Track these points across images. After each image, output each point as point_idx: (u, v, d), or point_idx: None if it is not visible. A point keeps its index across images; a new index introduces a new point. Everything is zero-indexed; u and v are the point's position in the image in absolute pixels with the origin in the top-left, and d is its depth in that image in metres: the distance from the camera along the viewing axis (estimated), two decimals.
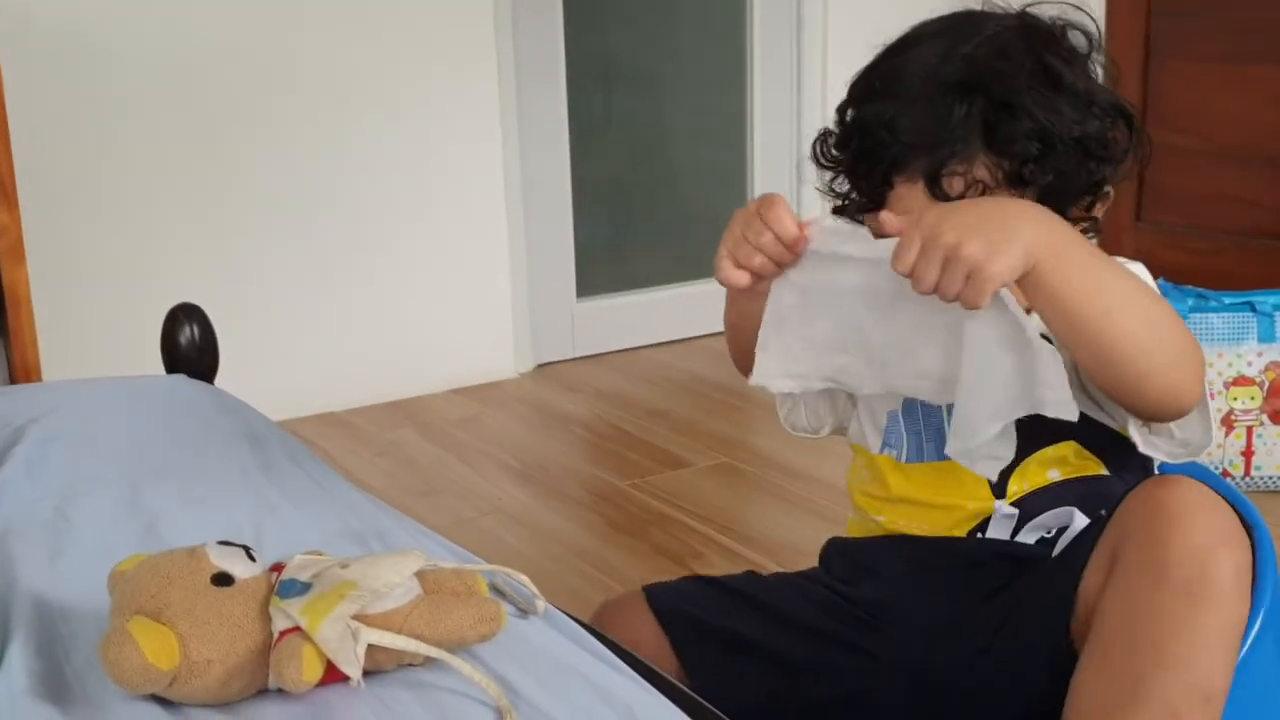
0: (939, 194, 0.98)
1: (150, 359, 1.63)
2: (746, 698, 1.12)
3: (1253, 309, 2.28)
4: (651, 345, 3.45)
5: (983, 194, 0.97)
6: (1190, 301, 2.29)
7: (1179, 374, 0.94)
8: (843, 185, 1.09)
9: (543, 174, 3.23)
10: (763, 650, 1.14)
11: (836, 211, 1.10)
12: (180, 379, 1.56)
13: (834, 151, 1.08)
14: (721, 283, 1.03)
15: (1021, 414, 0.91)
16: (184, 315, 1.60)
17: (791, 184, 3.61)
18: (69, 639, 0.92)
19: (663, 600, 1.20)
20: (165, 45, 2.68)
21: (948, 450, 0.94)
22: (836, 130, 1.08)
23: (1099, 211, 1.05)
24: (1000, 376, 0.90)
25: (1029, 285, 0.89)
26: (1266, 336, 2.28)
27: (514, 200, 3.16)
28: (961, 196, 0.97)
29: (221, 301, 1.97)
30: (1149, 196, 3.50)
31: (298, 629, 0.82)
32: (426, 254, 3.06)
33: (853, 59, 1.15)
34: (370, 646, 0.83)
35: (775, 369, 1.01)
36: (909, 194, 1.01)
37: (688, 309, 3.49)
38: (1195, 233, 3.35)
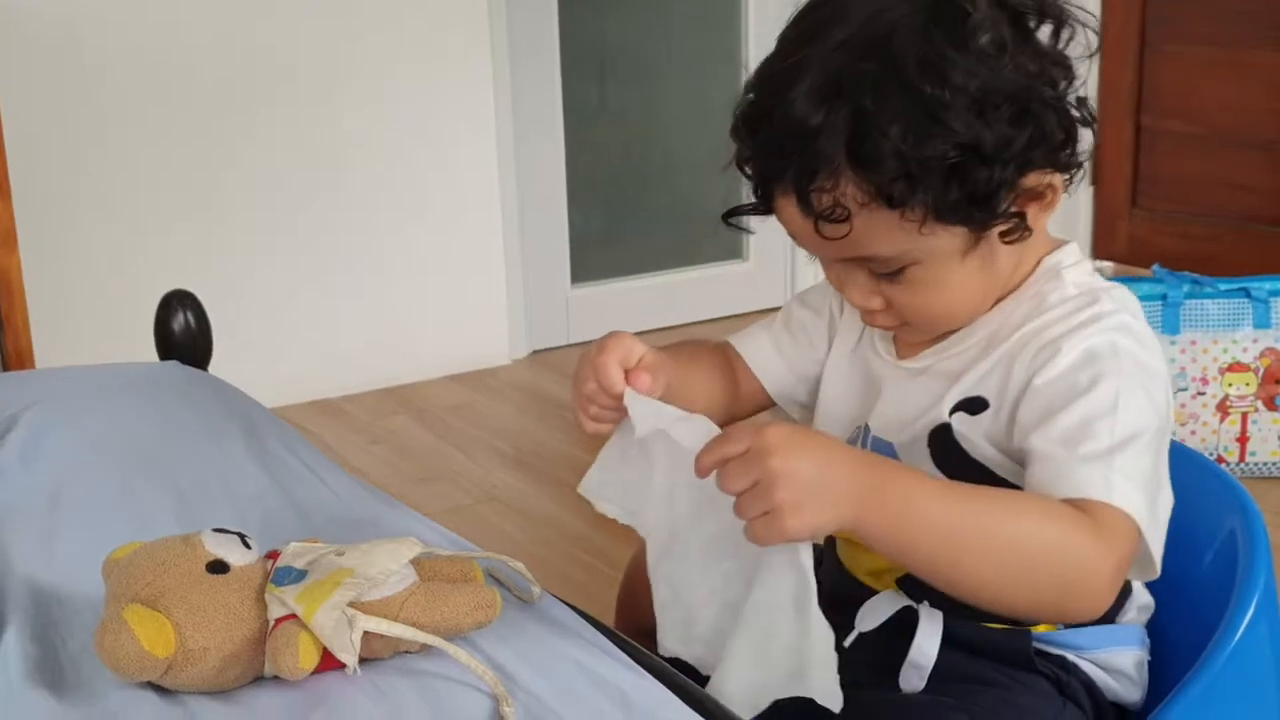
0: (809, 211, 0.87)
1: (144, 346, 1.63)
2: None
3: (1248, 295, 2.29)
4: (646, 331, 3.45)
5: (848, 216, 0.86)
6: (1186, 288, 2.30)
7: (1063, 606, 0.87)
8: None
9: (537, 161, 3.23)
10: None
11: (725, 217, 1.02)
12: (174, 366, 1.56)
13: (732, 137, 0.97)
14: (592, 433, 0.97)
15: (787, 694, 0.85)
16: (178, 302, 1.60)
17: None
18: (64, 625, 0.92)
19: None
20: (158, 34, 2.67)
21: (710, 686, 0.88)
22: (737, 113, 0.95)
23: (1029, 207, 0.90)
24: (777, 645, 0.85)
25: (861, 537, 0.84)
26: (1262, 322, 2.28)
27: (508, 187, 3.16)
28: (832, 214, 0.86)
29: (216, 288, 1.97)
30: (1144, 183, 3.51)
31: (294, 616, 0.82)
32: (421, 241, 3.06)
33: None
34: (366, 634, 0.83)
35: (606, 493, 0.97)
36: (785, 207, 0.90)
37: (682, 295, 3.49)
38: (1191, 219, 3.36)
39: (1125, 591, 1.00)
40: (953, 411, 0.95)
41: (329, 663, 0.82)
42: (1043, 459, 0.87)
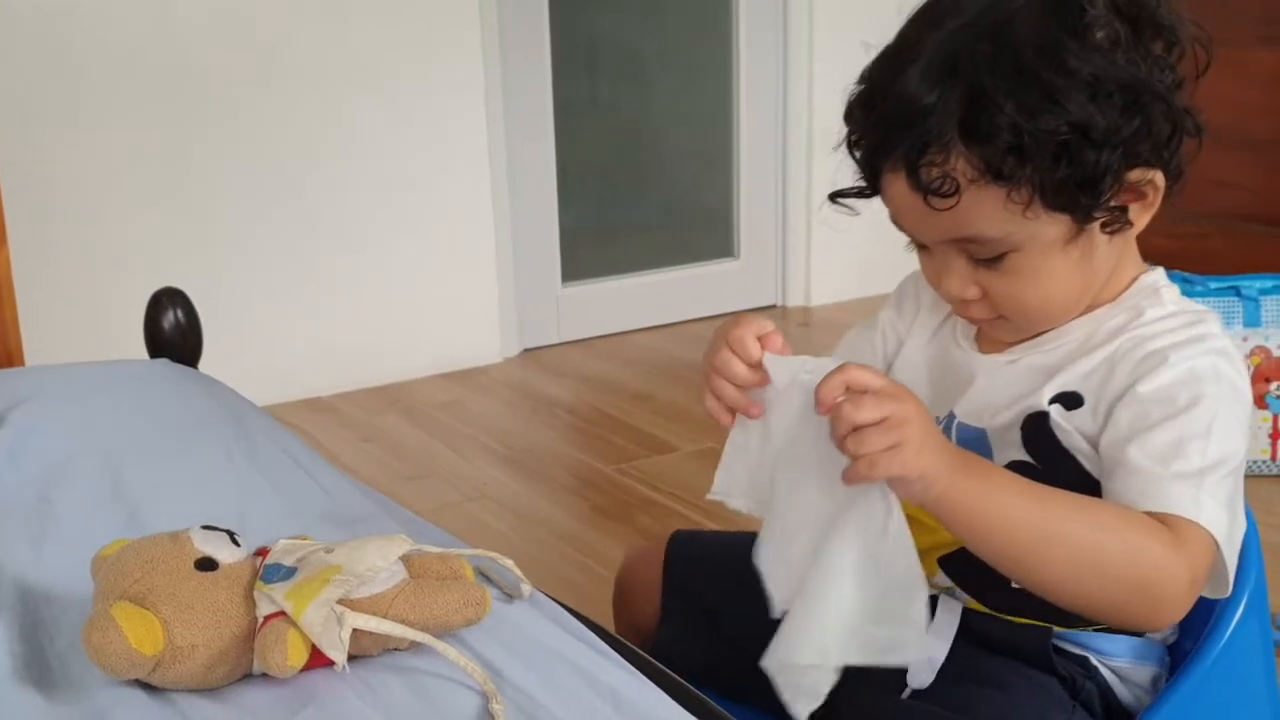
0: (918, 185, 0.89)
1: (134, 344, 1.63)
2: (697, 665, 1.13)
3: (1238, 293, 2.29)
4: (637, 330, 3.45)
5: (957, 189, 0.88)
6: (1176, 286, 2.30)
7: (1139, 610, 0.87)
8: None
9: (528, 159, 3.23)
10: (731, 633, 1.16)
11: (833, 197, 1.02)
12: (164, 364, 1.55)
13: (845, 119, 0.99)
14: (710, 416, 0.95)
15: (852, 660, 0.83)
16: (168, 300, 1.59)
17: (777, 170, 3.61)
18: (52, 623, 0.91)
19: (677, 548, 1.22)
20: (148, 31, 2.67)
21: (763, 661, 0.87)
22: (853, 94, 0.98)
23: (1131, 204, 0.93)
24: (843, 601, 0.83)
25: (938, 516, 0.86)
26: (1251, 321, 2.29)
27: (499, 185, 3.15)
28: (941, 187, 0.89)
29: (205, 286, 1.96)
30: None
31: (282, 614, 0.82)
32: (412, 239, 3.06)
33: (838, 45, 1.09)
34: (355, 631, 0.82)
35: (735, 490, 0.95)
36: (893, 183, 0.93)
37: (673, 293, 3.48)
38: (1181, 216, 3.36)
39: None
40: (1051, 402, 0.96)
41: (318, 660, 0.82)
42: (1136, 472, 0.88)
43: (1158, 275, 1.02)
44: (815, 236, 3.59)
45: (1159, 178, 0.93)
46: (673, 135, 3.59)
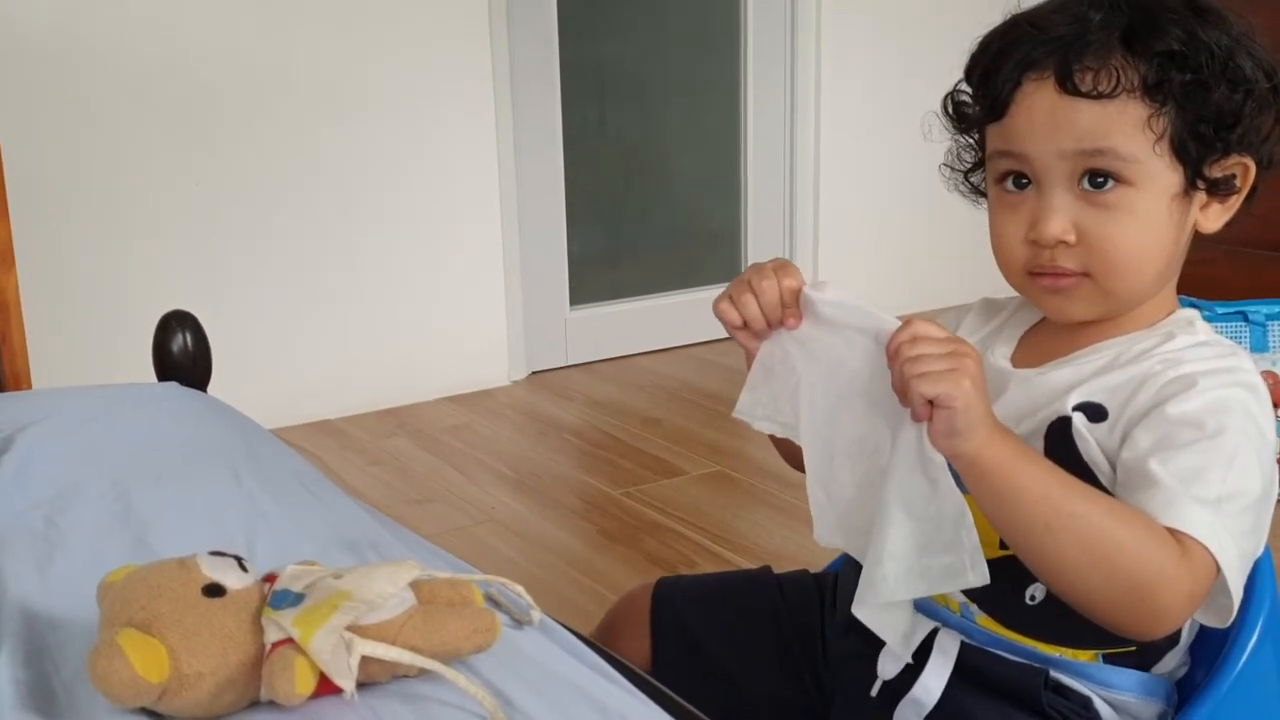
0: (1070, 89, 0.93)
1: (142, 367, 1.62)
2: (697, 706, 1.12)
3: (1245, 318, 2.29)
4: (644, 353, 3.45)
5: (1115, 88, 0.91)
6: (1210, 324, 2.30)
7: (1134, 610, 0.87)
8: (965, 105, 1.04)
9: (537, 183, 3.23)
10: (727, 675, 1.16)
11: (956, 115, 1.04)
12: (173, 387, 1.55)
13: (976, 54, 1.02)
14: (715, 313, 1.00)
15: (919, 592, 0.89)
16: (177, 323, 1.59)
17: (784, 194, 3.62)
18: (57, 650, 0.91)
19: (665, 592, 1.22)
20: (156, 53, 2.68)
21: (853, 609, 0.92)
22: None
23: (1237, 171, 0.98)
24: (900, 541, 0.88)
25: (967, 475, 0.87)
26: (1259, 346, 2.28)
27: (508, 209, 3.16)
28: (1094, 89, 0.92)
29: (214, 309, 1.96)
30: None
31: (290, 641, 0.81)
32: (420, 262, 3.06)
33: (845, 70, 1.10)
34: (364, 658, 0.82)
35: (759, 411, 1.00)
36: (1036, 91, 0.95)
37: (681, 317, 3.48)
38: None
39: (1174, 639, 1.00)
40: (1074, 409, 0.97)
41: (326, 687, 0.81)
42: (1158, 486, 0.89)
43: (1193, 311, 1.04)
44: (822, 260, 3.59)
45: (1251, 168, 0.97)
46: (680, 160, 3.60)
